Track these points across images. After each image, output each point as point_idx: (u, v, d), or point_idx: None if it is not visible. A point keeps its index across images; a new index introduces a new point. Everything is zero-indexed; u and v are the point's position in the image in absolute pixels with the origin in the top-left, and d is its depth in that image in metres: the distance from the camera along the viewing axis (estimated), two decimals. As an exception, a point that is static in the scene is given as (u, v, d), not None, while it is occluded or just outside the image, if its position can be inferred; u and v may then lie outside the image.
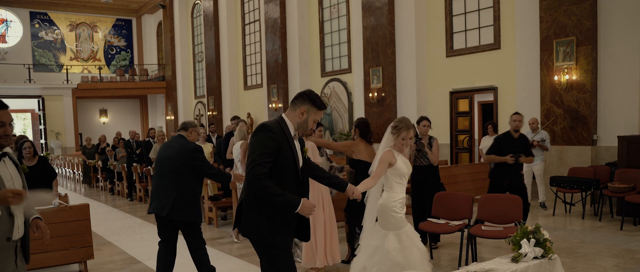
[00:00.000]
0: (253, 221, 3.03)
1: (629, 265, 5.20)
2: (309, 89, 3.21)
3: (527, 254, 3.19)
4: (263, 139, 2.96)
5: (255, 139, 2.99)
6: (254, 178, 2.89)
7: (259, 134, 2.99)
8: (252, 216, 3.03)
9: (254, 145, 2.97)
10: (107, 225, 8.58)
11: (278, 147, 2.95)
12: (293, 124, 3.09)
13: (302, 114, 3.08)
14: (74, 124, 23.78)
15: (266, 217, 3.00)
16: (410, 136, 3.97)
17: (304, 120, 3.09)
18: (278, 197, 2.91)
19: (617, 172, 7.45)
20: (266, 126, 3.01)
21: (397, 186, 3.94)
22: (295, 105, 3.10)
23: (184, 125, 4.81)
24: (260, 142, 2.95)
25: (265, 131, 2.98)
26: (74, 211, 5.31)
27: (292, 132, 3.07)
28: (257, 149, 2.94)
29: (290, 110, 3.12)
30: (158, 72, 26.15)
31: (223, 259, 6.05)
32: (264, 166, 2.90)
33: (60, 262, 5.26)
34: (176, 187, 4.48)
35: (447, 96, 11.47)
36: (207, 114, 20.52)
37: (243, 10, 18.76)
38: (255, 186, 2.91)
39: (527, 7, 9.56)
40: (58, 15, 25.69)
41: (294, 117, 3.09)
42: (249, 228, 3.05)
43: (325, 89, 14.72)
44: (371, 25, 12.39)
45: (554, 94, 8.95)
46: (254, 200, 3.02)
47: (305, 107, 3.08)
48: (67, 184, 17.23)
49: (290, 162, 3.02)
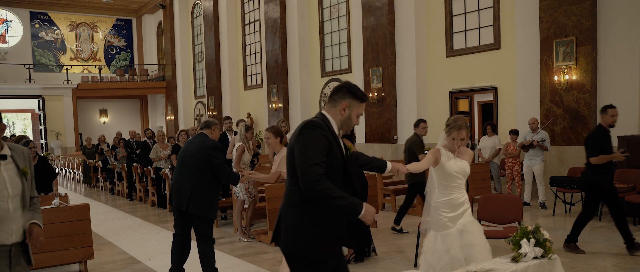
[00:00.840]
0: (300, 231, 2.64)
1: (629, 265, 5.20)
2: (346, 81, 2.90)
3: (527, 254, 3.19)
4: (315, 136, 2.62)
5: (305, 137, 2.63)
6: (312, 180, 2.52)
7: (309, 132, 2.64)
8: (298, 225, 2.65)
9: (306, 143, 2.61)
10: (107, 225, 8.58)
11: (329, 146, 2.64)
12: (336, 121, 2.77)
13: (344, 109, 2.76)
14: (74, 124, 23.79)
15: (317, 226, 2.63)
16: (461, 136, 3.82)
17: (347, 116, 2.77)
18: (340, 201, 2.56)
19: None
20: (314, 123, 2.67)
21: (443, 187, 3.86)
22: (334, 101, 2.78)
23: (207, 124, 4.94)
24: (313, 140, 2.60)
25: (315, 128, 2.65)
26: (74, 211, 5.31)
27: (336, 130, 2.76)
28: (311, 147, 2.58)
29: (329, 107, 2.80)
30: (158, 72, 26.15)
31: (223, 259, 6.05)
32: (320, 165, 2.56)
33: (60, 262, 5.26)
34: (195, 182, 4.64)
35: (447, 96, 11.47)
36: (207, 114, 20.52)
37: (243, 10, 18.77)
38: (314, 188, 2.53)
39: (527, 7, 9.56)
40: (58, 15, 25.70)
41: (336, 114, 2.77)
42: (294, 240, 2.66)
43: (325, 89, 14.73)
44: (371, 25, 12.39)
45: (553, 94, 8.95)
46: (302, 206, 2.65)
47: (347, 102, 2.76)
48: (67, 184, 17.23)
49: (339, 163, 2.70)
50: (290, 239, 2.67)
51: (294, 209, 2.68)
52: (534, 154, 8.52)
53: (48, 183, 6.52)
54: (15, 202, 2.76)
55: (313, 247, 2.64)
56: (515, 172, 9.01)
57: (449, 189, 3.85)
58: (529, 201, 8.81)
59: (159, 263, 5.91)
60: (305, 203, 2.64)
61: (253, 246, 6.63)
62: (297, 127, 2.77)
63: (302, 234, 2.65)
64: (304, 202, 2.64)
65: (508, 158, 9.09)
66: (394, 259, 5.64)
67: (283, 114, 15.72)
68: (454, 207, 3.85)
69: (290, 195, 2.71)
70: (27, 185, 2.82)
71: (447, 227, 3.84)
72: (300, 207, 2.66)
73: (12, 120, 25.10)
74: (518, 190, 9.08)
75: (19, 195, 2.78)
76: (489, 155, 9.45)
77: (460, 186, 3.88)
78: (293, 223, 2.67)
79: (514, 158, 8.99)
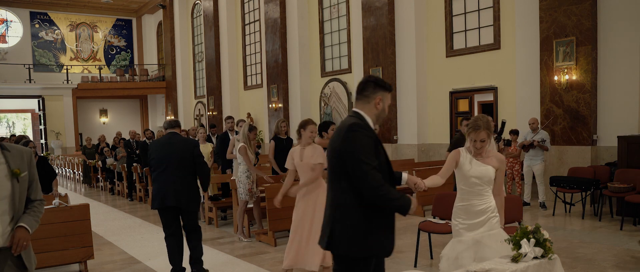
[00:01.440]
0: (358, 232, 2.68)
1: (629, 265, 5.20)
2: (370, 75, 2.92)
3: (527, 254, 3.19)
4: (363, 138, 2.64)
5: (353, 140, 2.64)
6: (376, 186, 2.57)
7: (355, 134, 2.65)
8: (357, 227, 2.68)
9: (357, 146, 2.62)
10: (107, 225, 8.58)
11: (375, 145, 2.68)
12: (371, 117, 2.79)
13: (378, 103, 2.80)
14: (74, 124, 23.79)
15: (377, 227, 2.69)
16: (480, 137, 3.52)
17: (381, 109, 2.82)
18: (397, 201, 2.64)
19: (617, 172, 7.45)
20: (358, 124, 2.69)
21: (462, 191, 3.63)
22: (367, 97, 2.80)
23: (175, 123, 5.24)
24: (362, 142, 2.63)
25: (360, 129, 2.66)
26: (74, 211, 5.31)
27: (372, 126, 2.78)
28: (363, 151, 2.61)
29: (362, 104, 2.81)
30: (158, 72, 26.15)
31: (223, 259, 6.05)
32: (377, 169, 2.62)
33: (60, 262, 5.26)
34: (182, 178, 4.97)
35: (447, 96, 11.47)
36: (207, 114, 20.53)
37: (243, 10, 18.76)
38: (378, 194, 2.58)
39: (527, 7, 9.56)
40: (58, 15, 25.70)
41: (371, 109, 2.80)
42: (353, 241, 2.68)
43: (325, 89, 14.72)
44: (371, 25, 12.39)
45: (553, 94, 8.95)
46: (357, 208, 2.67)
47: (379, 95, 2.80)
48: (67, 184, 17.23)
49: (384, 160, 2.74)
50: (351, 239, 2.68)
51: (348, 212, 2.69)
52: (534, 154, 8.52)
53: (48, 183, 6.52)
54: (3, 205, 2.62)
55: (372, 247, 2.69)
56: (515, 172, 9.01)
57: (467, 195, 3.61)
58: (529, 201, 8.81)
59: (159, 263, 5.91)
60: (360, 205, 2.67)
61: (253, 246, 6.63)
62: (338, 128, 2.80)
63: (362, 236, 2.68)
64: (360, 204, 2.67)
65: (508, 158, 9.09)
66: (394, 259, 5.64)
67: (283, 114, 15.72)
68: (471, 214, 3.60)
69: (341, 197, 2.72)
70: (18, 187, 2.67)
71: (460, 235, 3.64)
72: (356, 210, 2.68)
73: (12, 120, 25.11)
74: (518, 190, 9.08)
75: (7, 198, 2.64)
76: (489, 155, 9.45)
77: (481, 192, 3.59)
78: (351, 225, 2.68)
79: (514, 158, 8.98)
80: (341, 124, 2.80)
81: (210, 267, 5.63)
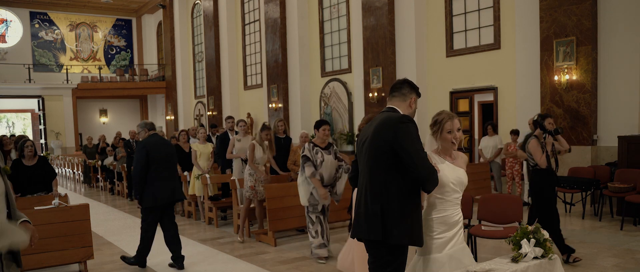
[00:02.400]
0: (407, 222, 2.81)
1: (629, 265, 5.20)
2: (405, 78, 3.08)
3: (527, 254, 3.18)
4: (415, 130, 2.79)
5: (405, 132, 2.76)
6: (434, 176, 2.75)
7: (407, 126, 2.78)
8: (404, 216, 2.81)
9: (410, 139, 2.75)
10: (107, 225, 8.58)
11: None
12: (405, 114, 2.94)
13: (412, 103, 2.96)
14: (74, 124, 23.79)
15: (416, 215, 2.87)
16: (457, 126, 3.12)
17: (414, 110, 2.98)
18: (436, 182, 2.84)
19: (617, 172, 7.45)
20: (408, 117, 2.84)
21: (436, 201, 3.10)
22: (404, 95, 2.96)
23: (153, 126, 5.82)
24: (416, 134, 2.78)
25: (411, 122, 2.81)
26: (74, 211, 5.31)
27: None
28: (417, 141, 2.76)
29: (399, 101, 2.96)
30: (158, 72, 26.15)
31: (223, 259, 6.05)
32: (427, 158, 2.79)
33: (60, 262, 5.26)
34: (176, 176, 5.86)
35: (447, 96, 11.47)
36: (207, 114, 20.52)
37: (243, 10, 18.76)
38: (435, 178, 2.77)
39: (527, 7, 9.56)
40: (58, 15, 25.69)
41: (406, 108, 2.94)
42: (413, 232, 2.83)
43: (325, 89, 14.72)
44: (371, 25, 12.39)
45: (554, 94, 8.95)
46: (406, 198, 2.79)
47: (414, 97, 2.96)
48: (67, 184, 17.23)
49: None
50: (411, 230, 2.81)
51: (398, 202, 2.79)
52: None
53: (48, 183, 6.52)
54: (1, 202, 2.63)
55: (417, 236, 2.84)
56: (515, 172, 9.01)
57: (444, 204, 3.09)
58: (529, 201, 8.80)
59: (159, 263, 5.90)
60: (407, 196, 2.79)
61: (253, 246, 6.63)
62: (381, 121, 2.86)
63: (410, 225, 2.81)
64: (407, 195, 2.79)
65: (508, 158, 9.09)
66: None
67: (283, 114, 15.72)
68: (449, 226, 3.10)
69: (391, 188, 2.80)
70: (9, 184, 2.70)
71: (433, 251, 3.08)
72: (405, 199, 2.80)
73: (12, 120, 25.11)
74: (518, 190, 9.08)
75: (2, 195, 2.64)
76: (490, 155, 9.46)
77: (456, 201, 3.14)
78: (401, 215, 2.79)
79: (514, 158, 8.99)
80: (385, 118, 2.86)
81: (211, 267, 5.63)
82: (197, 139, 9.20)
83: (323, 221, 5.70)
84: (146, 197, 5.46)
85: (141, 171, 5.42)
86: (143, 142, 5.54)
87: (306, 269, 5.50)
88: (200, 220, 8.66)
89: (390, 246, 2.85)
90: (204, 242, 6.96)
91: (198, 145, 8.54)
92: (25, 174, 6.22)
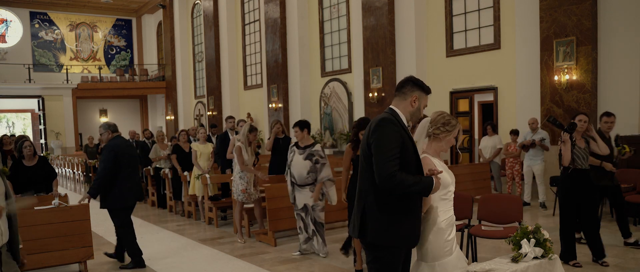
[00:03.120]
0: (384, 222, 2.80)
1: (629, 265, 5.20)
2: (411, 75, 3.07)
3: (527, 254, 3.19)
4: (388, 132, 2.77)
5: (378, 133, 2.78)
6: (387, 176, 2.68)
7: (382, 128, 2.79)
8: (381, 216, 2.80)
9: (379, 140, 2.76)
10: (107, 225, 8.53)
11: (402, 141, 2.78)
12: (405, 114, 2.94)
13: (414, 101, 2.95)
14: (74, 124, 23.78)
15: (397, 216, 2.81)
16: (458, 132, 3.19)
17: (416, 108, 2.96)
18: (415, 186, 2.72)
19: (617, 172, 7.43)
20: (387, 119, 2.83)
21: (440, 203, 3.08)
22: (404, 94, 2.97)
23: (116, 127, 5.91)
24: (387, 136, 2.76)
25: (388, 124, 2.80)
26: (74, 211, 5.31)
27: (405, 122, 2.92)
28: (385, 143, 2.74)
29: (399, 100, 2.97)
30: (158, 72, 26.14)
31: (223, 259, 6.05)
32: (395, 161, 2.71)
33: (60, 262, 5.26)
34: (139, 177, 6.19)
35: (447, 96, 11.47)
36: (207, 114, 20.52)
37: (243, 10, 18.76)
38: (392, 184, 2.69)
39: (527, 7, 9.56)
40: (58, 15, 25.69)
41: (406, 106, 2.95)
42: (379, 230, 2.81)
43: (325, 89, 14.72)
44: (371, 25, 12.39)
45: (554, 94, 8.95)
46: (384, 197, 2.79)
47: (416, 94, 2.96)
48: (67, 184, 17.22)
49: (412, 155, 2.84)
50: (377, 230, 2.82)
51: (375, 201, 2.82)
52: (535, 154, 8.52)
53: (48, 183, 6.52)
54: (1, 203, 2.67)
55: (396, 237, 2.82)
56: (515, 172, 9.01)
57: (447, 205, 3.12)
58: (529, 201, 8.81)
59: (159, 263, 5.91)
60: (386, 195, 2.79)
61: (253, 246, 6.63)
62: (370, 123, 2.94)
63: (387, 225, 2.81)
64: (385, 194, 2.78)
65: (508, 158, 9.09)
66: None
67: (283, 114, 15.72)
68: (453, 226, 3.14)
69: (369, 187, 2.84)
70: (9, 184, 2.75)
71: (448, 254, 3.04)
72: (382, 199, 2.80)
73: (12, 120, 25.10)
74: (518, 190, 9.08)
75: (2, 195, 2.69)
76: (489, 155, 9.46)
77: (452, 200, 3.18)
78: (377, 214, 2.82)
79: (514, 158, 8.99)
80: (373, 120, 2.93)
81: (211, 267, 5.63)
82: (197, 139, 9.21)
83: (305, 217, 5.88)
84: (117, 199, 5.59)
85: (108, 173, 5.52)
86: (111, 145, 5.64)
87: (306, 269, 5.50)
88: (200, 220, 8.66)
89: (367, 244, 2.90)
90: (204, 242, 6.96)
91: (198, 145, 8.54)
92: (25, 175, 6.22)
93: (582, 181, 5.20)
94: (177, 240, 7.20)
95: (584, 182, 5.21)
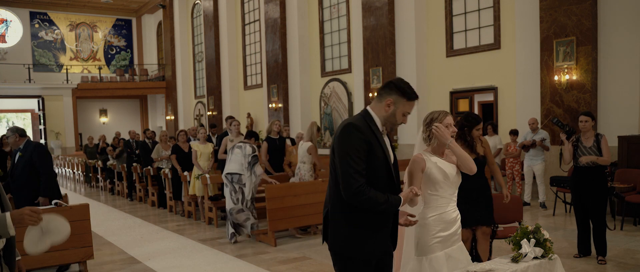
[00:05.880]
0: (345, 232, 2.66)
1: (629, 265, 5.20)
2: (397, 77, 2.83)
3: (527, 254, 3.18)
4: (352, 140, 2.56)
5: (342, 140, 2.59)
6: (353, 192, 2.52)
7: (345, 135, 2.59)
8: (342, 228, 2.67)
9: (343, 149, 2.56)
10: (107, 225, 8.57)
11: (369, 147, 2.59)
12: (380, 117, 2.71)
13: (388, 106, 2.69)
14: (74, 124, 23.78)
15: (358, 227, 2.65)
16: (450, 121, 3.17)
17: (390, 113, 2.69)
18: (382, 206, 2.58)
19: (617, 172, 7.45)
20: (352, 125, 2.62)
21: (432, 198, 3.15)
22: (380, 96, 2.73)
23: (24, 132, 5.76)
24: (350, 145, 2.56)
25: (353, 131, 2.59)
26: (74, 211, 5.30)
27: (379, 127, 2.69)
28: (349, 153, 2.54)
29: (375, 103, 2.74)
30: (158, 72, 26.14)
31: (223, 259, 6.05)
32: (361, 174, 2.54)
33: (60, 262, 5.26)
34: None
35: (447, 96, 11.47)
36: (207, 114, 20.52)
37: (243, 10, 18.76)
38: (357, 200, 2.55)
39: (527, 7, 9.55)
40: (58, 15, 25.68)
41: (380, 109, 2.71)
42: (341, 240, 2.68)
43: (325, 89, 14.72)
44: (371, 25, 12.39)
45: (554, 94, 8.95)
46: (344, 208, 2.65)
47: (392, 98, 2.69)
48: (67, 184, 17.23)
49: (381, 161, 2.64)
50: (340, 239, 2.67)
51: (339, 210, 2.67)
52: (535, 154, 8.52)
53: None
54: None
55: (358, 248, 2.64)
56: (515, 172, 9.01)
57: (439, 201, 3.13)
58: (529, 201, 8.81)
59: (159, 263, 5.91)
60: (349, 205, 2.63)
61: (253, 246, 6.63)
62: (338, 126, 2.73)
63: (347, 235, 2.65)
64: (348, 204, 2.62)
65: (508, 158, 9.09)
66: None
67: (283, 114, 15.72)
68: (448, 224, 3.15)
69: (335, 195, 2.68)
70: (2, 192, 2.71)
71: (431, 251, 3.11)
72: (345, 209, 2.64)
73: (11, 120, 25.10)
74: (518, 190, 9.08)
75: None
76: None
77: (452, 197, 3.19)
78: (338, 224, 2.67)
79: (514, 158, 8.99)
80: (341, 122, 2.76)
81: (211, 267, 5.63)
82: (197, 139, 9.20)
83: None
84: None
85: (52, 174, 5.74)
86: (45, 147, 5.89)
87: (306, 269, 5.50)
88: (200, 220, 8.66)
89: (332, 253, 2.75)
90: (204, 242, 6.96)
91: (198, 145, 8.54)
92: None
93: (588, 178, 5.33)
94: (177, 240, 7.20)
95: (590, 179, 5.33)
